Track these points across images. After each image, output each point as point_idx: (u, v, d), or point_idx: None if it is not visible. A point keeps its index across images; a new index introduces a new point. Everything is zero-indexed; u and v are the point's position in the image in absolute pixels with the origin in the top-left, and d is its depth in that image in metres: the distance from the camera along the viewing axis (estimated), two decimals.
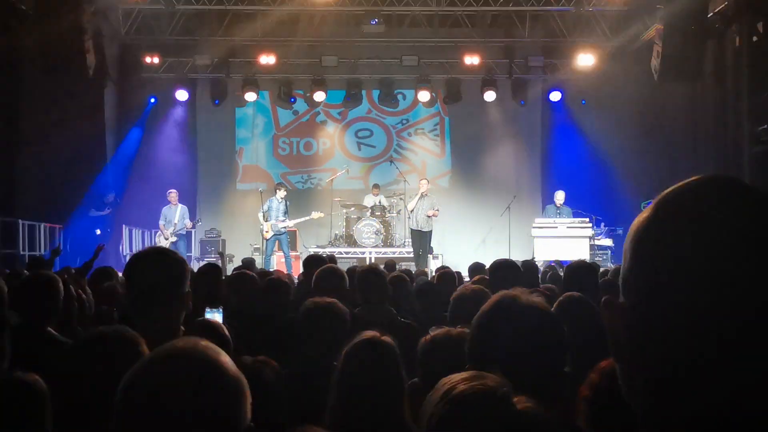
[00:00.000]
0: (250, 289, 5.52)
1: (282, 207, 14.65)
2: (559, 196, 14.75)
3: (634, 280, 0.96)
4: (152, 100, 17.33)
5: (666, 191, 0.97)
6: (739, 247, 0.89)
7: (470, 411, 1.36)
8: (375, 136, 18.72)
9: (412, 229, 14.60)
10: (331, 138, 18.64)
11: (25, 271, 6.69)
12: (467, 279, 7.38)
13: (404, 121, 18.69)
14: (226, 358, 1.36)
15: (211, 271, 5.65)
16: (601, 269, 8.29)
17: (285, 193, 14.86)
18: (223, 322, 3.40)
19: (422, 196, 14.36)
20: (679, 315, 0.90)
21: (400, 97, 18.53)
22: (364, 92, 18.17)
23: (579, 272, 5.14)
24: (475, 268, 7.70)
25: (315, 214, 15.04)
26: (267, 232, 14.51)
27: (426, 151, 18.60)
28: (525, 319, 2.04)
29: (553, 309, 2.41)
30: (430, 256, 14.69)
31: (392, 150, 18.33)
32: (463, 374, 1.46)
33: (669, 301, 0.91)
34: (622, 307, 0.97)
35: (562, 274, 7.06)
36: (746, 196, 0.93)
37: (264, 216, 14.60)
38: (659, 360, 0.92)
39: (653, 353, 0.93)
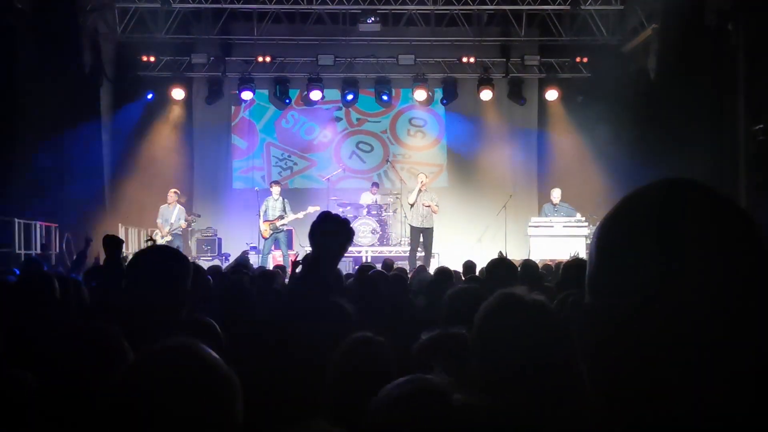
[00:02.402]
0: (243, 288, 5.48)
1: (279, 205, 14.65)
2: (555, 194, 14.72)
3: (597, 279, 0.97)
4: (149, 96, 17.24)
5: (627, 194, 0.98)
6: (697, 248, 0.90)
7: (403, 409, 1.35)
8: (373, 153, 18.60)
9: (411, 226, 14.10)
10: (334, 135, 18.59)
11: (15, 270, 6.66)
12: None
13: (406, 156, 18.33)
14: (218, 358, 1.36)
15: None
16: None
17: (279, 189, 14.87)
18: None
19: (421, 190, 13.90)
20: (637, 315, 0.91)
21: (419, 133, 18.53)
22: (389, 116, 18.39)
23: (575, 271, 5.11)
24: (469, 266, 7.75)
25: (311, 208, 15.01)
26: (266, 231, 14.52)
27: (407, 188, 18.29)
28: (530, 315, 2.04)
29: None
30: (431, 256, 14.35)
31: (376, 174, 18.01)
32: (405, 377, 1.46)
33: (628, 302, 0.92)
34: (587, 307, 0.98)
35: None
36: (704, 198, 0.95)
37: (262, 216, 14.65)
38: (621, 359, 0.93)
39: (615, 353, 0.94)
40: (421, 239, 14.04)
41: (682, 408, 0.89)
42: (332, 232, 2.09)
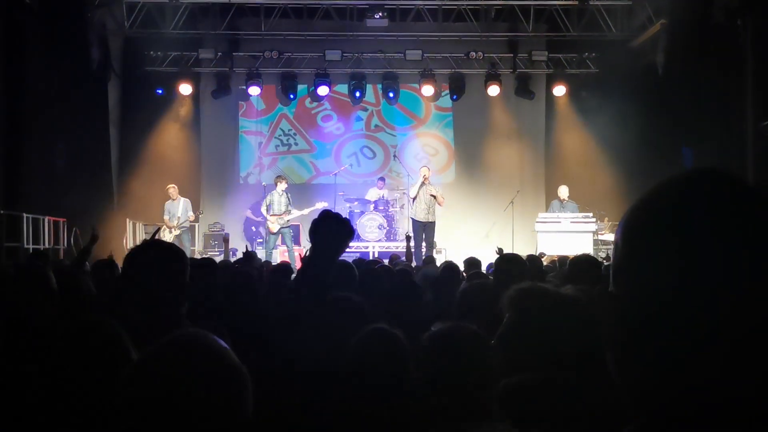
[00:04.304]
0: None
1: (284, 200, 14.64)
2: (563, 191, 14.69)
3: (622, 269, 0.98)
4: (157, 91, 17.19)
5: (654, 185, 0.99)
6: (721, 236, 0.90)
7: None
8: (373, 160, 18.51)
9: (414, 220, 13.78)
10: (346, 131, 18.53)
11: None
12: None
13: (402, 174, 17.47)
14: (228, 350, 1.38)
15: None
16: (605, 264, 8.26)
17: (285, 185, 14.83)
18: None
19: (423, 183, 13.65)
20: (663, 303, 0.92)
21: (425, 161, 18.34)
22: (406, 135, 18.38)
23: (582, 266, 5.10)
24: (471, 263, 7.72)
25: (319, 204, 15.02)
26: (274, 225, 14.51)
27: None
28: (562, 306, 2.05)
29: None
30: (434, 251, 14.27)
31: (368, 184, 17.64)
32: None
33: (654, 290, 0.93)
34: (612, 296, 0.98)
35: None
36: (732, 188, 0.95)
37: (267, 210, 14.64)
38: (645, 347, 0.94)
39: (640, 341, 0.94)
40: (424, 234, 13.70)
41: (710, 399, 0.89)
42: (332, 231, 2.08)
